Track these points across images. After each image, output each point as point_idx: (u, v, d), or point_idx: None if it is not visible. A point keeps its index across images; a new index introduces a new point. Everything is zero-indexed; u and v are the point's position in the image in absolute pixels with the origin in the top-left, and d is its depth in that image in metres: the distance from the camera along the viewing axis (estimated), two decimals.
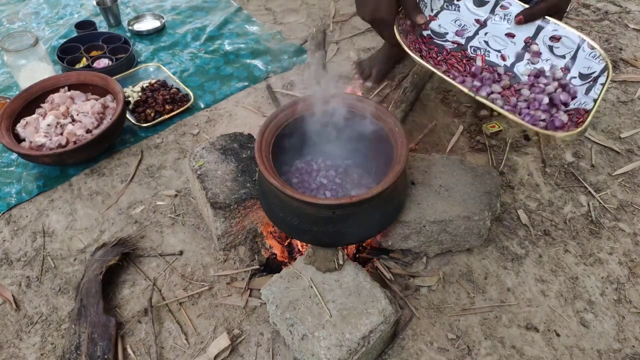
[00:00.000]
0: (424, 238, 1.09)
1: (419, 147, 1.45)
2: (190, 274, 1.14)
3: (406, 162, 0.93)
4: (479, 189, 1.10)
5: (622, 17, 2.03)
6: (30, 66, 1.54)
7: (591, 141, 1.47)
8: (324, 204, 0.89)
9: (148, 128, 1.53)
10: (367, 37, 1.95)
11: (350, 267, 0.99)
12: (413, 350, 1.00)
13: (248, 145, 1.22)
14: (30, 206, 1.31)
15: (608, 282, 1.13)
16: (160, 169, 1.41)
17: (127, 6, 2.17)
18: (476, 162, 1.19)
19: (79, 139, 1.36)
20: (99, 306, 1.03)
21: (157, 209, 1.29)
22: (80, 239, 1.23)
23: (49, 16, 2.12)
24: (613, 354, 1.00)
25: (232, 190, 1.10)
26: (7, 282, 1.14)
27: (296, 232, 0.98)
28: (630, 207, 1.29)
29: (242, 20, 2.07)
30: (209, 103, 1.64)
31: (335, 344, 0.86)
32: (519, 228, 1.23)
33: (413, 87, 1.50)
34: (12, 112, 1.40)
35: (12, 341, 1.04)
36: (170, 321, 1.06)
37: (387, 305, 0.92)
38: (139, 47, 1.91)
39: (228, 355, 0.99)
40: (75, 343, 0.98)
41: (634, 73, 1.73)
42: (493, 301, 1.09)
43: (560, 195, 1.32)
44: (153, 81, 1.63)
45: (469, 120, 1.55)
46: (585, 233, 1.23)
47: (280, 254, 1.17)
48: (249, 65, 1.80)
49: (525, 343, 1.02)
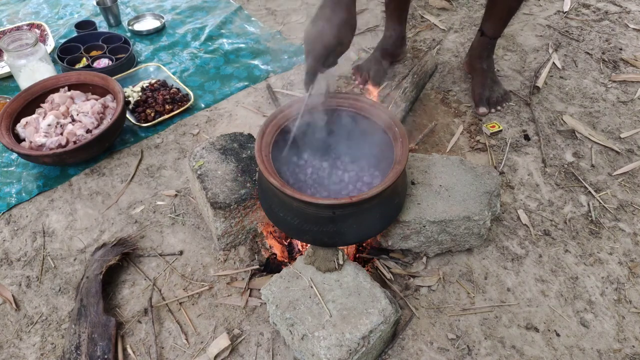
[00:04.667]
0: (424, 238, 1.09)
1: (419, 147, 1.45)
2: (190, 274, 1.14)
3: (406, 162, 0.93)
4: (479, 189, 1.10)
5: (622, 17, 2.03)
6: (30, 66, 1.54)
7: (591, 141, 1.47)
8: (324, 203, 0.89)
9: (148, 128, 1.53)
10: (366, 37, 1.95)
11: (350, 267, 0.99)
12: (413, 350, 1.00)
13: (248, 145, 1.22)
14: (30, 206, 1.31)
15: (608, 282, 1.13)
16: (160, 169, 1.41)
17: (127, 6, 2.17)
18: (476, 162, 1.19)
19: (79, 139, 1.36)
20: (99, 306, 1.03)
21: (157, 209, 1.29)
22: (80, 239, 1.22)
23: (49, 16, 2.12)
24: (613, 354, 1.00)
25: (232, 190, 1.10)
26: (7, 282, 1.14)
27: (296, 232, 0.98)
28: (630, 207, 1.29)
29: (242, 20, 2.07)
30: (209, 103, 1.64)
31: (335, 344, 0.86)
32: (519, 228, 1.23)
33: (413, 87, 1.50)
34: (12, 112, 1.41)
35: (12, 341, 1.04)
36: (170, 321, 1.06)
37: (387, 305, 0.92)
38: (139, 47, 1.91)
39: (228, 355, 0.99)
40: (75, 343, 0.98)
41: (634, 73, 1.73)
42: (493, 301, 1.09)
43: (560, 195, 1.32)
44: (153, 81, 1.63)
45: (469, 120, 1.55)
46: (585, 233, 1.23)
47: (280, 254, 1.17)
48: (249, 65, 1.80)
49: (525, 343, 1.02)
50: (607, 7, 2.09)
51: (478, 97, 1.58)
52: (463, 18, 2.04)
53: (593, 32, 1.95)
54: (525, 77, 1.72)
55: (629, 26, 1.97)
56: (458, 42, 1.90)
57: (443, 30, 1.97)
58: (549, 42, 1.89)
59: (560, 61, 1.78)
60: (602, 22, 2.00)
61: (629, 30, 1.96)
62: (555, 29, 1.97)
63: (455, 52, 1.85)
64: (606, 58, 1.80)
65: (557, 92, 1.66)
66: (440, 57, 1.82)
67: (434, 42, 1.90)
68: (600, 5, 2.11)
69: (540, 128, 1.51)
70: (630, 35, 1.92)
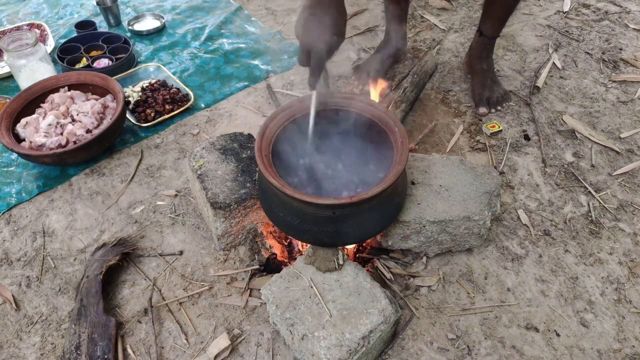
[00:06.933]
0: (424, 238, 1.09)
1: (419, 147, 1.45)
2: (190, 274, 1.14)
3: (406, 162, 0.93)
4: (479, 189, 1.10)
5: (622, 17, 2.03)
6: (30, 66, 1.54)
7: (591, 141, 1.47)
8: (324, 203, 0.89)
9: (148, 128, 1.53)
10: (366, 37, 1.95)
11: (350, 267, 0.99)
12: (413, 350, 1.00)
13: (248, 145, 1.22)
14: (30, 206, 1.31)
15: (608, 282, 1.13)
16: (160, 169, 1.41)
17: (127, 6, 2.17)
18: (476, 162, 1.19)
19: (79, 139, 1.36)
20: (99, 306, 1.03)
21: (157, 209, 1.29)
22: (80, 239, 1.22)
23: (49, 16, 2.12)
24: (613, 354, 1.00)
25: (232, 190, 1.10)
26: (7, 282, 1.14)
27: (296, 232, 0.98)
28: (630, 207, 1.29)
29: (242, 20, 2.07)
30: (209, 103, 1.64)
31: (335, 344, 0.86)
32: (519, 228, 1.23)
33: (413, 87, 1.50)
34: (12, 112, 1.41)
35: (12, 341, 1.04)
36: (170, 321, 1.06)
37: (387, 305, 0.92)
38: (139, 47, 1.91)
39: (228, 355, 0.99)
40: (75, 343, 0.98)
41: (634, 73, 1.73)
42: (493, 301, 1.09)
43: (560, 195, 1.32)
44: (153, 81, 1.63)
45: (469, 120, 1.55)
46: (585, 233, 1.23)
47: (280, 254, 1.17)
48: (249, 65, 1.80)
49: (525, 343, 1.02)
50: (607, 7, 2.09)
51: (478, 97, 1.58)
52: (463, 18, 2.04)
53: (593, 32, 1.95)
54: (525, 77, 1.72)
55: (629, 26, 1.97)
56: (458, 42, 1.90)
57: (443, 30, 1.97)
58: (549, 42, 1.89)
59: (560, 61, 1.78)
60: (602, 22, 2.00)
61: (629, 30, 1.96)
62: (555, 29, 1.97)
63: (455, 52, 1.85)
64: (606, 58, 1.80)
65: (557, 92, 1.66)
66: (440, 57, 1.82)
67: (434, 42, 1.90)
68: (600, 5, 2.11)
69: (540, 128, 1.51)
70: (630, 35, 1.92)
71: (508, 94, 1.61)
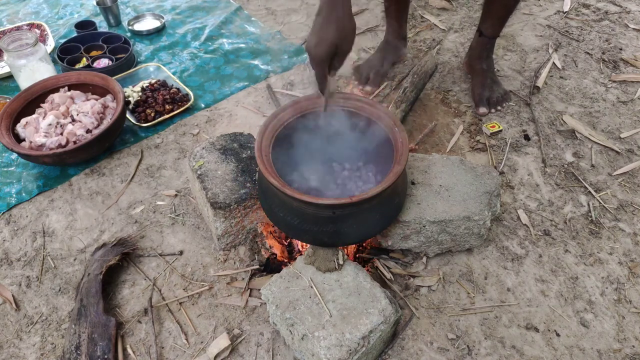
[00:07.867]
0: (424, 238, 1.09)
1: (419, 147, 1.45)
2: (190, 274, 1.14)
3: (406, 162, 0.93)
4: (479, 189, 1.10)
5: (622, 17, 2.03)
6: (30, 66, 1.54)
7: (591, 141, 1.47)
8: (324, 204, 0.89)
9: (148, 128, 1.53)
10: (366, 37, 1.95)
11: (350, 267, 0.99)
12: (413, 350, 1.00)
13: (248, 145, 1.22)
14: (30, 206, 1.31)
15: (608, 282, 1.13)
16: (160, 169, 1.41)
17: (127, 6, 2.17)
18: (476, 162, 1.19)
19: (79, 139, 1.36)
20: (99, 306, 1.03)
21: (157, 209, 1.29)
22: (80, 239, 1.23)
23: (49, 16, 2.12)
24: (613, 354, 1.00)
25: (232, 190, 1.10)
26: (7, 282, 1.14)
27: (296, 232, 0.98)
28: (630, 207, 1.29)
29: (242, 20, 2.07)
30: (209, 103, 1.64)
31: (335, 344, 0.86)
32: (519, 228, 1.23)
33: (413, 87, 1.50)
34: (12, 112, 1.41)
35: (12, 341, 1.04)
36: (170, 321, 1.06)
37: (387, 305, 0.92)
38: (139, 47, 1.91)
39: (228, 355, 0.99)
40: (75, 343, 0.98)
41: (634, 73, 1.73)
42: (493, 301, 1.09)
43: (560, 195, 1.32)
44: (153, 81, 1.63)
45: (469, 120, 1.55)
46: (585, 233, 1.23)
47: (280, 254, 1.17)
48: (249, 65, 1.80)
49: (525, 343, 1.02)
50: (607, 7, 2.09)
51: (478, 97, 1.58)
52: (463, 18, 2.04)
53: (593, 32, 1.95)
54: (525, 77, 1.72)
55: (629, 26, 1.97)
56: (458, 42, 1.90)
57: (443, 30, 1.97)
58: (549, 42, 1.89)
59: (560, 61, 1.78)
60: (602, 22, 2.00)
61: (629, 30, 1.96)
62: (555, 29, 1.97)
63: (455, 52, 1.85)
64: (606, 58, 1.80)
65: (557, 92, 1.66)
66: (440, 57, 1.82)
67: (434, 42, 1.90)
68: (600, 5, 2.11)
69: (540, 128, 1.51)
70: (630, 35, 1.92)
71: (508, 94, 1.61)
